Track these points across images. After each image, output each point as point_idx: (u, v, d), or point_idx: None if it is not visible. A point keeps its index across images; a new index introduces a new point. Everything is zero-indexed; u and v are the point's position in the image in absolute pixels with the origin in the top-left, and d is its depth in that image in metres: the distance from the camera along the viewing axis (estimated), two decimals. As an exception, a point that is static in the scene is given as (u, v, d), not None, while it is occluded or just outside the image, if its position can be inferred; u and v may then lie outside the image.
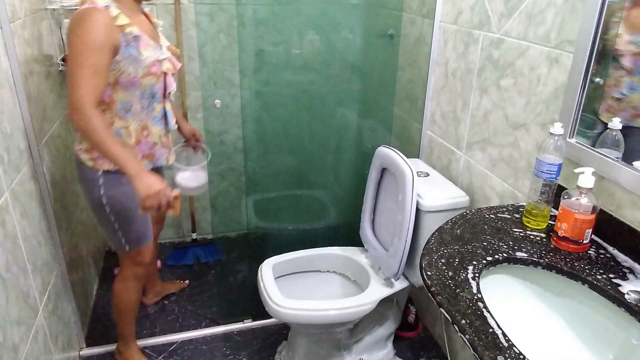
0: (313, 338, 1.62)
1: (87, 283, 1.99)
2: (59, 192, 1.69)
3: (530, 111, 1.26)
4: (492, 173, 1.45)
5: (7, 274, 1.15)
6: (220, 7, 2.08)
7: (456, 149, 1.63)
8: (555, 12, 1.15)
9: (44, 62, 1.68)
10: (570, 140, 1.11)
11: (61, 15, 1.91)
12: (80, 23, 1.19)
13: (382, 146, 1.62)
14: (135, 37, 1.27)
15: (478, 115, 1.49)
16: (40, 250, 1.42)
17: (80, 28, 1.19)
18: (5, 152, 1.23)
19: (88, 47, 1.18)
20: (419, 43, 1.83)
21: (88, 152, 1.38)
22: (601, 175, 1.03)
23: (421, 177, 1.62)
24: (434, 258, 0.96)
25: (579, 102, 1.08)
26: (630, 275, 0.93)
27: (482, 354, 0.72)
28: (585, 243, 0.99)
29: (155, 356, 1.79)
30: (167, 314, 2.02)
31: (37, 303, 1.34)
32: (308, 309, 1.47)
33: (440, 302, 0.84)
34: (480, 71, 1.46)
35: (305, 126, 2.04)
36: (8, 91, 1.30)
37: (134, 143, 1.39)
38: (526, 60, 1.26)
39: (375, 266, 1.66)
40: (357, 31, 1.96)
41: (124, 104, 1.34)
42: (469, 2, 1.50)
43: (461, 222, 1.10)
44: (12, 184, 1.25)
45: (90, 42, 1.18)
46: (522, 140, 1.31)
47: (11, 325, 1.14)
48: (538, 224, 1.10)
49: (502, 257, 0.98)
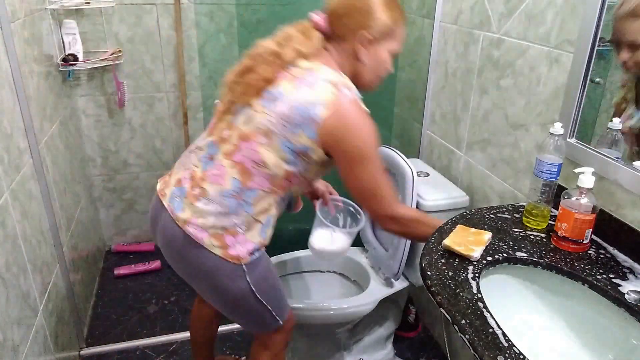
0: (313, 338, 1.62)
1: (87, 283, 1.99)
2: (59, 192, 1.69)
3: (530, 111, 1.26)
4: (492, 173, 1.45)
5: (7, 274, 1.15)
6: (220, 7, 2.08)
7: (456, 149, 1.63)
8: (555, 12, 1.15)
9: (44, 62, 1.68)
10: (570, 140, 1.11)
11: (61, 15, 1.91)
12: (363, 120, 1.03)
13: (382, 146, 1.62)
14: None
15: (478, 115, 1.49)
16: (40, 250, 1.42)
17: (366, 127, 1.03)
18: (5, 152, 1.23)
19: (375, 146, 1.05)
20: (419, 43, 1.82)
21: (219, 237, 1.08)
22: (601, 175, 1.03)
23: (421, 177, 1.62)
24: (434, 258, 0.96)
25: (579, 102, 1.08)
26: (630, 275, 0.93)
27: (482, 354, 0.72)
28: (585, 243, 0.99)
29: (155, 356, 1.79)
30: (167, 314, 2.02)
31: (37, 303, 1.34)
32: (308, 309, 1.47)
33: (440, 302, 0.84)
34: (480, 71, 1.46)
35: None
36: (8, 91, 1.30)
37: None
38: (526, 60, 1.26)
39: (375, 266, 1.66)
40: (357, 31, 1.96)
41: (287, 195, 1.16)
42: (469, 2, 1.50)
43: (461, 222, 1.10)
44: (12, 184, 1.25)
45: (375, 139, 1.05)
46: (522, 140, 1.31)
47: (11, 325, 1.14)
48: (538, 224, 1.10)
49: (502, 257, 0.98)
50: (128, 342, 1.84)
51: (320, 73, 1.04)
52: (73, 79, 2.07)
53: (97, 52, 2.04)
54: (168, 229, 1.12)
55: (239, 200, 1.07)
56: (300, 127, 1.01)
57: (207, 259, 1.09)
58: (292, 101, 1.01)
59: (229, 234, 1.08)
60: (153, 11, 2.04)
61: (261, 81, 1.04)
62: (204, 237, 1.07)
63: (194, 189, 1.09)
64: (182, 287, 2.17)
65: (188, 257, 1.12)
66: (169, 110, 2.24)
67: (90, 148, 2.23)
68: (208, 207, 1.07)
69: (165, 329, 1.93)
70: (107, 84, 2.12)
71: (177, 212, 1.10)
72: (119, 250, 2.42)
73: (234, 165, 1.06)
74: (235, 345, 1.85)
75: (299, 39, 1.07)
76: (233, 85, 1.10)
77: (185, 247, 1.10)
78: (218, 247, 1.08)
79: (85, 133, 2.19)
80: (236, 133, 1.07)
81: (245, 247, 1.10)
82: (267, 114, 1.03)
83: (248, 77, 1.06)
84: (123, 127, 2.22)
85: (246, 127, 1.06)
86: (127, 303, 2.07)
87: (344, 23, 1.07)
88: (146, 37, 2.08)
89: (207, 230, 1.08)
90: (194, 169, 1.12)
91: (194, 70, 2.18)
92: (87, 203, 2.12)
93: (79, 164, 2.06)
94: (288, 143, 1.03)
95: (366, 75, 1.12)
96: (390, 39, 1.10)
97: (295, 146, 1.03)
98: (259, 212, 1.10)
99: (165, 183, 1.19)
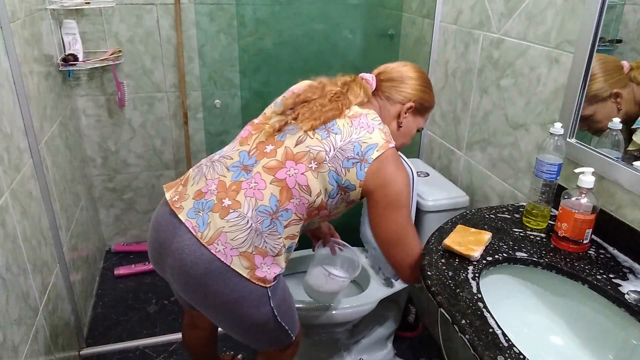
0: (313, 338, 1.62)
1: (87, 283, 1.99)
2: (59, 192, 1.69)
3: (530, 111, 1.26)
4: (492, 173, 1.45)
5: (7, 274, 1.15)
6: (220, 7, 2.08)
7: (456, 149, 1.63)
8: (555, 12, 1.15)
9: (44, 62, 1.68)
10: (570, 140, 1.11)
11: (61, 15, 1.91)
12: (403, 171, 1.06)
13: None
14: None
15: (478, 115, 1.49)
16: (40, 250, 1.42)
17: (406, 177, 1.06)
18: (5, 152, 1.23)
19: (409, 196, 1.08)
20: (419, 43, 1.82)
21: (249, 257, 1.02)
22: (601, 175, 1.03)
23: (421, 177, 1.62)
24: (434, 258, 0.96)
25: (579, 102, 1.08)
26: (630, 275, 0.93)
27: (482, 354, 0.72)
28: (585, 243, 0.99)
29: (155, 356, 1.79)
30: (167, 314, 2.02)
31: (37, 303, 1.34)
32: (308, 309, 1.47)
33: (440, 302, 0.84)
34: (480, 71, 1.46)
35: (305, 126, 2.04)
36: (8, 91, 1.30)
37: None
38: (526, 60, 1.26)
39: (375, 266, 1.66)
40: (357, 31, 1.96)
41: (305, 228, 1.16)
42: (469, 2, 1.50)
43: (461, 222, 1.10)
44: (12, 184, 1.25)
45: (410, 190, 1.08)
46: (522, 140, 1.31)
47: (11, 325, 1.14)
48: (538, 224, 1.10)
49: (502, 257, 0.98)
50: (128, 342, 1.84)
51: (374, 120, 1.09)
52: (73, 79, 2.07)
53: (97, 52, 2.04)
54: (189, 251, 1.01)
55: (274, 219, 1.02)
56: (352, 162, 1.03)
57: (232, 288, 1.02)
58: (349, 137, 1.04)
59: (259, 254, 1.03)
60: (153, 11, 2.04)
61: (328, 112, 1.07)
62: (234, 257, 1.00)
63: (223, 201, 1.02)
64: (182, 287, 2.17)
65: (211, 286, 1.02)
66: (169, 110, 2.24)
67: (90, 148, 2.23)
68: (240, 221, 1.00)
69: (165, 329, 1.92)
70: (107, 84, 2.12)
71: (202, 229, 1.01)
72: (119, 250, 2.42)
73: (276, 182, 1.03)
74: (236, 345, 1.85)
75: (354, 87, 1.15)
76: (298, 108, 1.12)
77: (210, 273, 1.01)
78: (246, 268, 1.01)
79: (85, 133, 2.19)
80: (282, 151, 1.05)
81: (272, 270, 1.05)
82: (323, 142, 1.04)
83: (314, 106, 1.09)
84: (123, 127, 2.22)
85: (296, 148, 1.04)
86: (127, 303, 2.07)
87: (397, 88, 1.16)
88: (146, 37, 2.08)
89: (238, 249, 1.00)
90: (221, 178, 1.06)
91: (194, 70, 2.18)
92: (87, 203, 2.12)
93: (79, 164, 2.06)
94: (336, 175, 1.03)
95: (396, 137, 1.17)
96: (424, 116, 1.22)
97: (342, 180, 1.04)
98: (288, 236, 1.06)
99: (178, 194, 1.09)
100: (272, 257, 1.05)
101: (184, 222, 1.02)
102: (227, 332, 1.17)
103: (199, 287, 1.04)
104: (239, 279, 1.01)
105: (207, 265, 1.00)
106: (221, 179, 1.06)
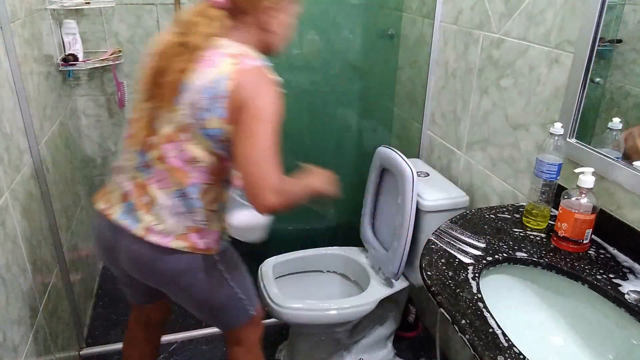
0: (313, 338, 1.62)
1: (87, 283, 1.99)
2: (59, 192, 1.69)
3: (530, 111, 1.26)
4: (492, 173, 1.45)
5: (7, 274, 1.15)
6: (220, 7, 2.08)
7: (456, 149, 1.63)
8: (555, 12, 1.15)
9: (44, 62, 1.68)
10: (570, 140, 1.11)
11: (61, 15, 1.91)
12: (267, 85, 1.00)
13: (382, 146, 1.62)
14: None
15: (478, 115, 1.49)
16: (40, 250, 1.42)
17: (270, 91, 1.00)
18: (5, 152, 1.23)
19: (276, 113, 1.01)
20: (419, 43, 1.83)
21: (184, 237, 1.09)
22: (601, 175, 1.03)
23: (421, 177, 1.62)
24: (434, 258, 0.96)
25: (579, 102, 1.08)
26: (630, 275, 0.93)
27: (482, 354, 0.72)
28: (585, 243, 0.99)
29: (155, 356, 1.79)
30: (167, 314, 2.02)
31: (37, 303, 1.34)
32: (308, 309, 1.47)
33: (440, 302, 0.84)
34: (480, 71, 1.46)
35: (305, 126, 2.04)
36: (8, 91, 1.30)
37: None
38: (526, 60, 1.26)
39: (375, 266, 1.66)
40: (357, 31, 1.96)
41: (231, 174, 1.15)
42: (469, 2, 1.50)
43: (461, 222, 1.10)
44: (12, 184, 1.25)
45: (278, 107, 1.02)
46: (522, 141, 1.31)
47: (11, 325, 1.14)
48: (538, 224, 1.10)
49: (502, 257, 0.98)
50: (128, 342, 1.84)
51: (221, 49, 1.01)
52: (73, 79, 2.07)
53: (97, 52, 2.03)
54: (132, 247, 1.10)
55: (187, 199, 1.07)
56: (209, 110, 0.99)
57: (179, 261, 1.10)
58: (198, 86, 0.99)
59: (192, 232, 1.09)
60: (153, 11, 2.04)
61: (177, 75, 1.01)
62: (170, 242, 1.08)
63: (142, 198, 1.08)
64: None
65: (160, 266, 1.11)
66: (169, 110, 2.24)
67: (90, 148, 2.22)
68: (162, 211, 1.07)
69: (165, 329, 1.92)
70: (107, 84, 2.12)
71: (134, 226, 1.08)
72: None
73: (170, 168, 1.05)
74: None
75: (201, 22, 1.03)
76: (156, 91, 1.05)
77: (155, 258, 1.09)
78: (186, 246, 1.09)
79: (85, 133, 2.19)
80: (159, 138, 1.06)
81: (211, 237, 1.12)
82: (181, 109, 1.02)
83: (164, 78, 1.03)
84: (123, 127, 2.22)
85: (168, 128, 1.04)
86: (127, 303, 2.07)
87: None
88: (146, 37, 2.07)
89: (170, 235, 1.08)
90: (136, 180, 1.10)
91: (194, 70, 2.17)
92: (87, 203, 2.12)
93: (79, 164, 2.06)
94: (206, 130, 1.01)
95: (276, 42, 1.12)
96: (291, 1, 1.10)
97: (212, 131, 1.01)
98: (210, 202, 1.09)
99: (106, 202, 1.14)
100: (206, 229, 1.11)
101: (120, 224, 1.10)
102: (192, 310, 1.25)
103: (152, 272, 1.13)
104: (183, 254, 1.09)
105: (151, 254, 1.09)
106: (136, 180, 1.10)
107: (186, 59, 1.01)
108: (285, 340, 1.83)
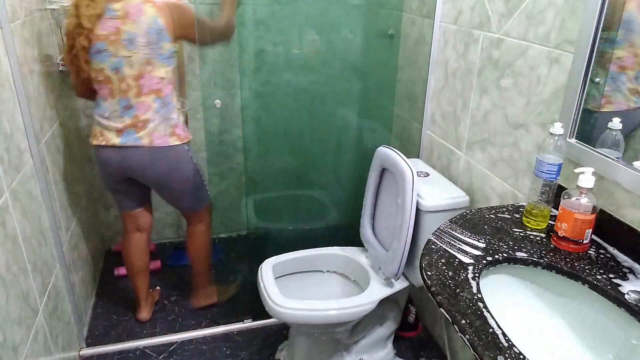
0: (313, 338, 1.62)
1: (87, 283, 1.99)
2: (59, 192, 1.69)
3: (530, 111, 1.26)
4: (492, 173, 1.45)
5: (7, 274, 1.15)
6: (220, 7, 2.08)
7: (456, 149, 1.63)
8: (555, 12, 1.15)
9: (44, 62, 1.68)
10: (570, 140, 1.11)
11: (61, 15, 1.91)
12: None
13: (382, 146, 1.62)
14: None
15: (478, 115, 1.49)
16: (40, 250, 1.42)
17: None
18: (5, 152, 1.23)
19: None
20: (419, 43, 1.82)
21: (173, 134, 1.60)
22: (601, 175, 1.03)
23: (421, 177, 1.62)
24: (434, 258, 0.96)
25: (579, 102, 1.08)
26: (630, 275, 0.93)
27: (482, 354, 0.72)
28: (585, 243, 0.99)
29: (155, 356, 1.79)
30: (167, 314, 2.02)
31: (37, 303, 1.34)
32: (308, 309, 1.47)
33: (440, 302, 0.84)
34: (480, 71, 1.46)
35: (305, 126, 2.04)
36: (8, 91, 1.30)
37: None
38: (526, 60, 1.26)
39: (375, 266, 1.66)
40: (357, 31, 1.96)
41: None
42: (469, 2, 1.50)
43: (461, 222, 1.10)
44: (12, 184, 1.25)
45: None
46: (522, 140, 1.31)
47: (11, 325, 1.14)
48: (538, 224, 1.10)
49: (502, 257, 0.98)
50: (128, 342, 1.84)
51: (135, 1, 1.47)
52: (73, 79, 2.06)
53: (97, 52, 2.03)
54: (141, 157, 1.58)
55: (168, 106, 1.58)
56: (159, 41, 1.49)
57: (176, 152, 1.62)
58: (141, 32, 1.46)
59: (175, 127, 1.61)
60: (153, 11, 2.04)
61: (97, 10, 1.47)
62: (168, 139, 1.59)
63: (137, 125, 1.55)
64: (182, 287, 2.18)
65: (166, 162, 1.61)
66: (169, 110, 2.24)
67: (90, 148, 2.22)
68: (154, 123, 1.56)
69: (165, 329, 1.93)
70: (107, 84, 2.12)
71: (139, 142, 1.56)
72: (119, 250, 2.41)
73: (148, 94, 1.53)
74: (236, 345, 1.85)
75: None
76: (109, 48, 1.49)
77: (162, 156, 1.59)
78: (176, 139, 1.61)
79: (85, 133, 2.18)
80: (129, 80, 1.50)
81: (182, 126, 1.65)
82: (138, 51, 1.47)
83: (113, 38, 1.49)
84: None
85: (132, 70, 1.49)
86: (127, 303, 2.07)
87: None
88: (146, 37, 2.07)
89: (165, 136, 1.58)
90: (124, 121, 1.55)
91: (194, 70, 2.18)
92: (87, 203, 2.12)
93: (79, 164, 2.06)
94: (161, 55, 1.52)
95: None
96: None
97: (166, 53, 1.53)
98: (176, 101, 1.62)
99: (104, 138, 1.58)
100: (178, 122, 1.63)
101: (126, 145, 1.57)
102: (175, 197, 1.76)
103: (159, 167, 1.61)
104: (178, 146, 1.62)
105: (158, 154, 1.59)
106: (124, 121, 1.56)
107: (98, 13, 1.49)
108: (285, 340, 1.83)
